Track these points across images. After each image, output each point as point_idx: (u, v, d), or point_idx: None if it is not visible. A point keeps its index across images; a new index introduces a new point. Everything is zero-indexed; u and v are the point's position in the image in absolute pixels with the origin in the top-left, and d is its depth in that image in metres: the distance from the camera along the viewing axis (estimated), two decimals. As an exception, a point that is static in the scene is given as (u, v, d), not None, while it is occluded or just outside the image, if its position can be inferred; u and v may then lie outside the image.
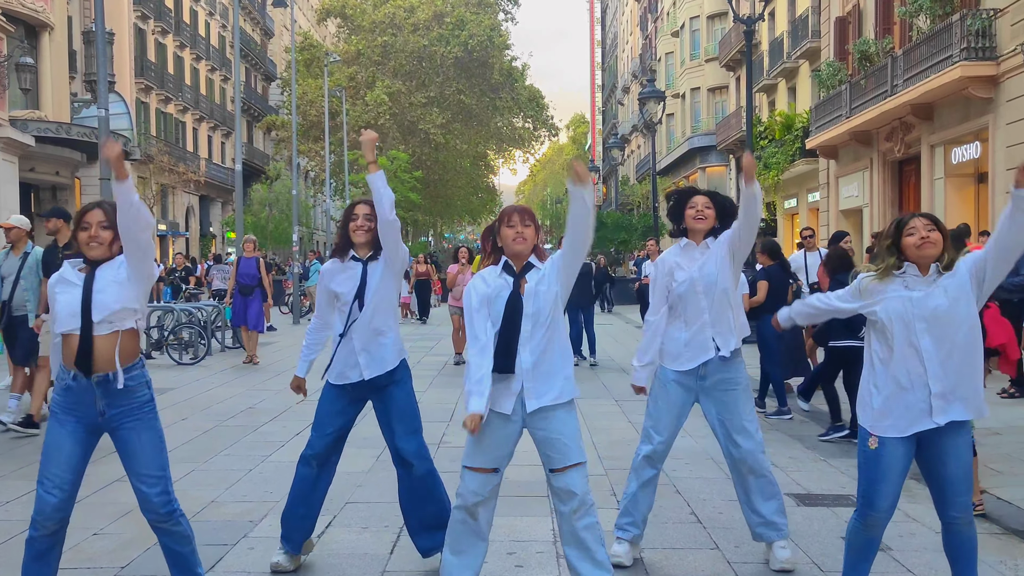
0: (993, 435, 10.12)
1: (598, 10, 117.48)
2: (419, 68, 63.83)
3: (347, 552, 6.45)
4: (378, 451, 9.05)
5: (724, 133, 47.70)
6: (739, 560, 6.24)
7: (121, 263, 4.98)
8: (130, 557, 6.35)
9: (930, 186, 26.94)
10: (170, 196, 54.15)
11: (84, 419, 4.95)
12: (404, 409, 6.04)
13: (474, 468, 5.10)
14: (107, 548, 6.53)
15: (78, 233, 4.95)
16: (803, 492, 7.96)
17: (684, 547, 6.54)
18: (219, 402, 13.18)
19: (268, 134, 72.71)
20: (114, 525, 7.03)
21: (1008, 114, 22.14)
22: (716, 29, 55.33)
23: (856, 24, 32.46)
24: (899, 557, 6.22)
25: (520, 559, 6.30)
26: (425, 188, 61.02)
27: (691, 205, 6.13)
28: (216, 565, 6.12)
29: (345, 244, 6.04)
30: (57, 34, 37.38)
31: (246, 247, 19.15)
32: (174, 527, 5.08)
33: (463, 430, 4.91)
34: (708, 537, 6.76)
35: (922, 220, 4.90)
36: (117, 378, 4.89)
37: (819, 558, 6.15)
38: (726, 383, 6.06)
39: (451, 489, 6.05)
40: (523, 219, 5.12)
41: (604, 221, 46.06)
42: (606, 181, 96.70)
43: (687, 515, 7.31)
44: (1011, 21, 21.69)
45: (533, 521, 7.09)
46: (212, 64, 63.85)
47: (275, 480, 8.48)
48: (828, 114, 32.36)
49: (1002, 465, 8.73)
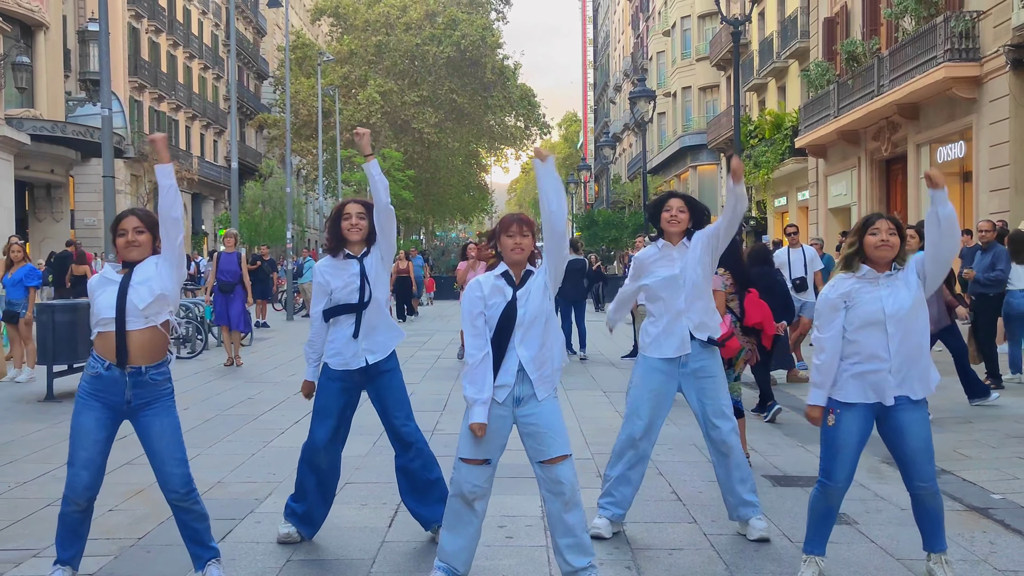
0: (965, 423, 10.61)
1: (590, 8, 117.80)
2: (411, 67, 64.16)
3: (348, 526, 6.86)
4: (375, 437, 9.44)
5: (715, 132, 48.02)
6: (714, 532, 6.70)
7: (156, 260, 5.45)
8: (145, 530, 6.78)
9: (916, 185, 27.42)
10: (163, 193, 54.37)
11: (110, 405, 5.40)
12: (400, 396, 6.48)
13: (469, 460, 5.40)
14: (123, 522, 6.95)
15: (116, 239, 5.43)
16: (780, 474, 8.40)
17: (664, 521, 7.00)
18: (218, 394, 13.60)
19: (260, 132, 72.93)
20: (127, 503, 7.44)
21: (991, 114, 22.63)
22: (707, 29, 55.66)
23: (844, 25, 32.93)
24: (864, 530, 6.65)
25: (510, 531, 6.74)
26: (417, 186, 61.25)
27: (666, 208, 6.54)
28: (226, 536, 6.53)
29: (337, 242, 6.39)
30: (52, 33, 37.68)
31: (227, 242, 18.31)
32: (193, 505, 5.55)
33: (455, 419, 5.30)
34: (687, 513, 7.20)
35: (886, 223, 5.38)
36: (147, 372, 5.38)
37: (790, 531, 6.57)
38: (705, 370, 6.49)
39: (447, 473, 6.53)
40: (521, 229, 5.35)
41: (596, 219, 46.49)
42: (598, 179, 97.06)
43: (668, 494, 7.76)
44: (994, 23, 22.17)
45: (522, 499, 7.51)
46: (205, 62, 64.01)
47: (277, 463, 8.90)
48: (816, 113, 32.83)
49: (971, 451, 9.18)
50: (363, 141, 6.29)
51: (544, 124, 71.29)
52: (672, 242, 6.54)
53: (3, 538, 6.63)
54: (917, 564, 5.79)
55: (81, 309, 13.67)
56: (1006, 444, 9.49)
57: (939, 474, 8.08)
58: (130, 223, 5.42)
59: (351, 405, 6.49)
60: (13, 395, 13.68)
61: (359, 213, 6.35)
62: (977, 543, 6.37)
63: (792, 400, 12.25)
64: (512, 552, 6.31)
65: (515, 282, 5.37)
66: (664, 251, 6.55)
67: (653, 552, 6.31)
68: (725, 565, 6.02)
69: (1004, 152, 22.03)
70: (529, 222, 5.43)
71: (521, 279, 5.38)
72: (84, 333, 13.55)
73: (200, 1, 63.53)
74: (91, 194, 43.99)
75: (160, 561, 6.14)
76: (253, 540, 6.56)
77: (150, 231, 5.44)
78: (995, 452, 9.14)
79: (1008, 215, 20.64)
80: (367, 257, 6.37)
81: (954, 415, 11.07)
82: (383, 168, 37.07)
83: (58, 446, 9.78)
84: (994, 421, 10.69)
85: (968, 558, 6.04)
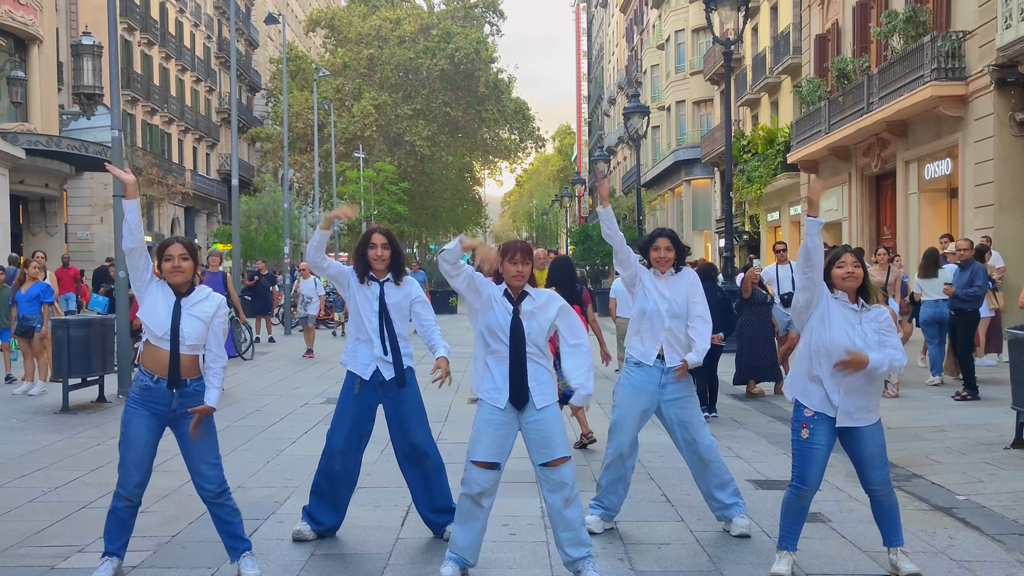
0: (939, 431, 11.25)
1: (584, 21, 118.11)
2: (405, 80, 64.50)
3: (363, 525, 7.46)
4: (382, 446, 9.99)
5: (709, 146, 48.30)
6: (700, 530, 7.34)
7: (205, 296, 6.19)
8: (177, 528, 7.39)
9: (905, 200, 28.09)
10: (156, 208, 54.52)
11: (157, 413, 6.09)
12: (417, 406, 7.10)
13: (479, 463, 6.06)
14: (156, 522, 7.53)
15: (162, 264, 6.09)
16: (762, 479, 9.03)
17: (654, 520, 7.65)
18: (227, 406, 14.03)
19: (252, 145, 73.19)
20: (157, 504, 8.01)
21: (976, 132, 23.26)
22: (701, 43, 55.89)
23: (835, 42, 33.51)
24: (837, 528, 7.29)
25: (513, 529, 7.36)
26: (411, 199, 61.47)
27: (655, 247, 7.27)
28: (252, 535, 7.09)
29: (364, 268, 7.03)
30: (46, 47, 37.70)
31: (211, 261, 18.31)
32: (227, 502, 6.22)
33: (458, 428, 5.91)
34: (675, 512, 7.86)
35: (851, 256, 6.12)
36: (191, 384, 6.09)
37: (770, 529, 7.15)
38: (683, 396, 7.24)
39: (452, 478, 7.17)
40: (524, 258, 6.08)
41: (590, 234, 46.87)
42: (592, 193, 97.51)
43: (658, 496, 8.41)
44: (979, 43, 22.79)
45: (523, 501, 8.14)
46: (197, 75, 64.14)
47: (292, 470, 9.52)
48: (808, 129, 33.44)
49: (942, 457, 9.80)
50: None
51: (538, 137, 71.67)
52: (660, 270, 7.26)
53: (47, 536, 7.23)
54: (881, 556, 6.41)
55: (95, 324, 14.26)
56: (975, 451, 10.10)
57: (910, 478, 8.77)
58: (176, 250, 6.07)
59: (366, 413, 7.11)
60: (29, 407, 14.21)
61: (384, 244, 6.99)
62: (937, 537, 7.01)
63: (779, 411, 12.87)
64: (516, 547, 6.93)
65: (513, 299, 6.13)
66: (655, 277, 7.29)
67: (643, 546, 6.94)
68: (709, 557, 6.65)
69: (989, 169, 22.66)
70: (530, 250, 6.19)
71: (519, 298, 6.14)
72: (98, 347, 14.15)
73: (192, 13, 63.72)
74: (84, 208, 44.49)
75: (195, 555, 6.74)
76: (277, 537, 7.17)
77: (192, 258, 6.10)
78: (964, 458, 9.75)
79: (992, 231, 21.23)
80: (388, 283, 7.04)
81: (930, 424, 11.70)
82: (377, 181, 37.28)
83: (81, 455, 10.42)
84: (967, 430, 11.29)
85: (927, 550, 6.69)
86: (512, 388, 6.04)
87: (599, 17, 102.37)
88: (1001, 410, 11.71)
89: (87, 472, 9.51)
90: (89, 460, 10.15)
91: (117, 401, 14.44)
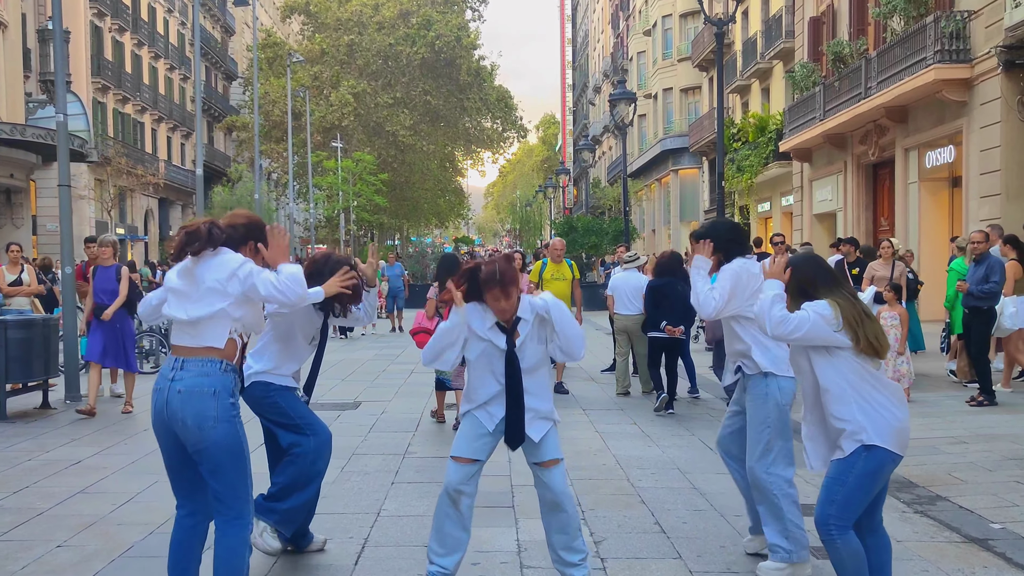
0: (959, 444, 10.13)
1: (569, 8, 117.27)
2: (385, 68, 63.54)
3: (314, 564, 6.39)
4: (343, 462, 9.01)
5: (697, 135, 47.33)
6: (700, 570, 6.24)
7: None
8: (94, 569, 6.26)
9: (904, 190, 27.11)
10: (128, 199, 53.25)
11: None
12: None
13: (458, 458, 5.52)
14: (71, 560, 6.43)
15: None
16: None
17: (648, 556, 6.53)
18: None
19: (229, 135, 72.03)
20: (76, 537, 6.91)
21: (982, 118, 22.23)
22: (689, 28, 55.09)
23: (830, 25, 32.54)
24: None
25: (484, 569, 6.28)
26: (391, 190, 60.53)
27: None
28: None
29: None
30: (11, 32, 36.86)
31: (103, 252, 13.25)
32: None
33: (428, 441, 4.95)
34: (672, 547, 6.71)
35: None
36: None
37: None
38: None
39: (412, 502, 6.05)
40: (506, 292, 5.34)
41: (575, 225, 45.89)
42: (577, 183, 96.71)
43: (651, 525, 7.27)
44: (985, 23, 21.75)
45: (497, 531, 7.05)
46: (171, 62, 62.92)
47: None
48: (801, 116, 32.47)
49: (966, 474, 8.73)
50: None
51: (521, 127, 70.84)
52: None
53: None
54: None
55: (36, 325, 13.06)
56: (1003, 467, 9.02)
57: (934, 500, 7.75)
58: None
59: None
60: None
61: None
62: (982, 583, 5.94)
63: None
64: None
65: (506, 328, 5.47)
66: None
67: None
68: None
69: (995, 157, 21.63)
70: (514, 280, 5.38)
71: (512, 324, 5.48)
72: (40, 350, 12.97)
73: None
74: (53, 199, 42.88)
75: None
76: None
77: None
78: (991, 475, 8.68)
79: (999, 222, 20.26)
80: None
81: (948, 435, 10.64)
82: (355, 172, 36.48)
83: (6, 472, 9.23)
84: (989, 441, 10.23)
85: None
86: (508, 431, 5.53)
87: (584, 3, 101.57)
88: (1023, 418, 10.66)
89: (8, 495, 8.32)
90: (14, 479, 8.97)
91: (64, 407, 13.28)
